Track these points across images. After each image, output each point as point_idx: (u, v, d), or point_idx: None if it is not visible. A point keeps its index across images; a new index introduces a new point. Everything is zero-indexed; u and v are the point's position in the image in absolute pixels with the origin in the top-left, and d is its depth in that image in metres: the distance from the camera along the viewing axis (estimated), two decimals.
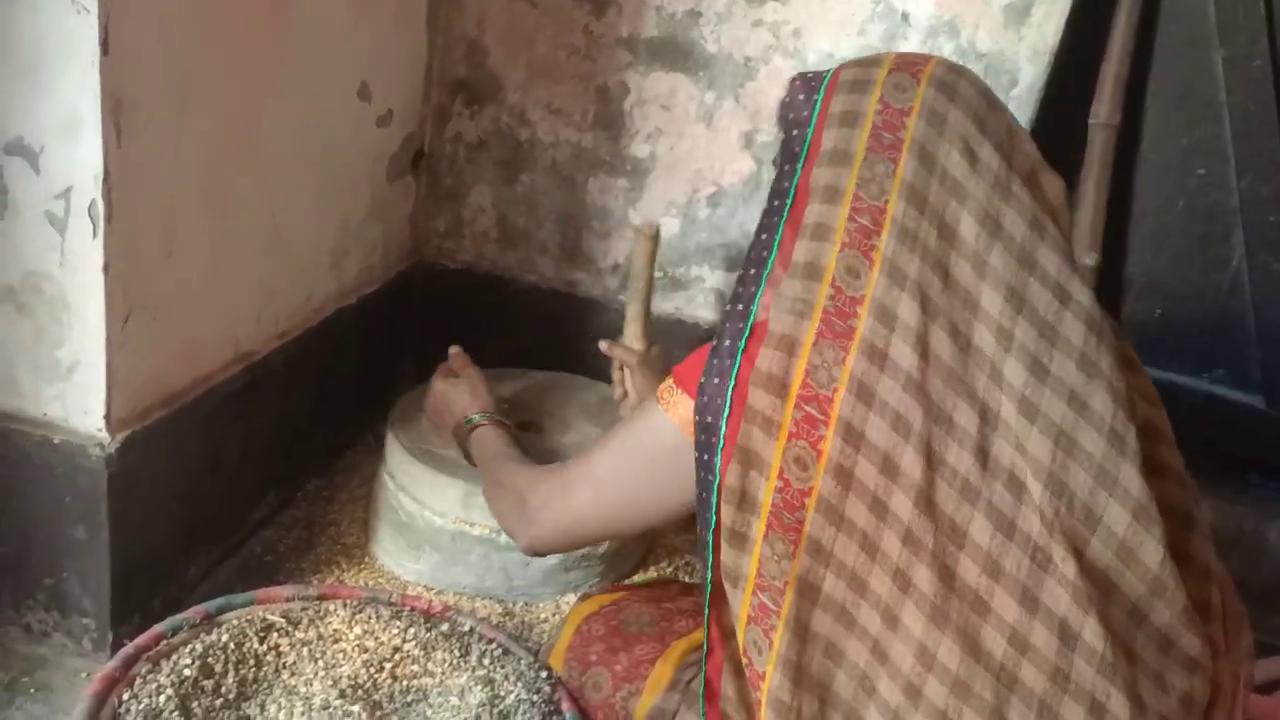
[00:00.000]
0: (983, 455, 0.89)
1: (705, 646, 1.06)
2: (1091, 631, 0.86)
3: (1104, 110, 1.77)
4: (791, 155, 1.00)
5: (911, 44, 1.78)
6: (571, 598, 1.61)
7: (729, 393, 0.96)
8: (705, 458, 0.98)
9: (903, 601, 0.90)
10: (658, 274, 2.01)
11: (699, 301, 2.03)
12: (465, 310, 2.09)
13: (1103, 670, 0.86)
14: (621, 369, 1.68)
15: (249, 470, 1.60)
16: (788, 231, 0.97)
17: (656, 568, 1.75)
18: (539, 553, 1.24)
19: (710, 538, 0.99)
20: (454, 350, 1.63)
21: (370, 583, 1.60)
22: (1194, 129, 1.80)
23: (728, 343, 0.98)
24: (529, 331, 2.06)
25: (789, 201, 0.98)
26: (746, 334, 0.97)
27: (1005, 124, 0.98)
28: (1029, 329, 0.91)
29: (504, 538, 1.56)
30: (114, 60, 1.12)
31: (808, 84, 1.02)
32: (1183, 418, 1.06)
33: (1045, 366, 0.90)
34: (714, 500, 0.97)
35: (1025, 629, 0.87)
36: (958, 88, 0.97)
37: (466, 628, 1.34)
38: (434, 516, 1.58)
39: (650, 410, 1.10)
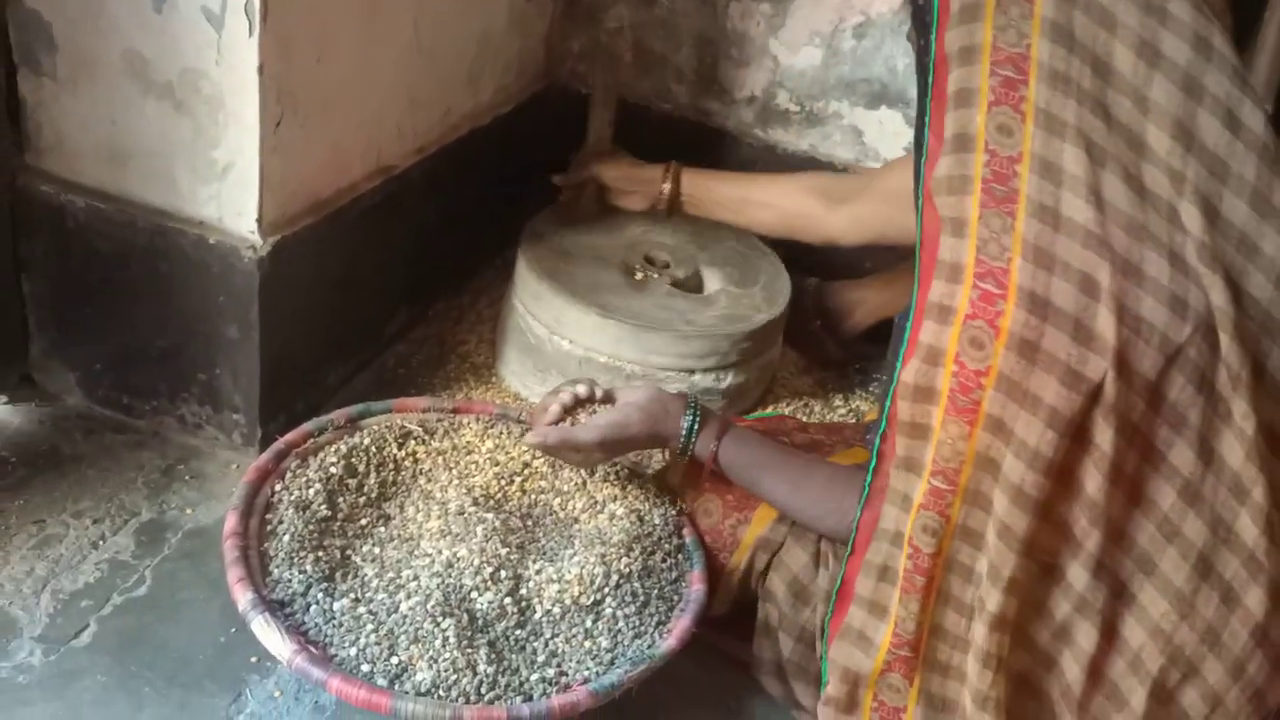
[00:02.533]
0: (1180, 305, 0.85)
1: (849, 548, 1.04)
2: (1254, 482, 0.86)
3: None
4: (924, 26, 0.92)
5: None
6: None
7: (914, 290, 0.91)
8: (891, 358, 0.95)
9: (1081, 461, 0.88)
10: (795, 108, 1.96)
11: (835, 139, 1.96)
12: None
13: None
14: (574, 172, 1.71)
15: (385, 284, 1.63)
16: (934, 108, 0.90)
17: (774, 407, 1.76)
18: None
19: (878, 440, 0.96)
20: (572, 394, 1.28)
21: (498, 401, 1.64)
22: None
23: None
24: (660, 163, 2.01)
25: (930, 76, 0.91)
26: (920, 228, 0.92)
27: None
28: (1199, 167, 0.85)
29: (629, 366, 1.58)
30: None
31: None
32: None
33: (1216, 208, 0.85)
34: (887, 401, 0.94)
35: (1198, 481, 0.87)
36: None
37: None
38: (561, 341, 1.60)
39: None
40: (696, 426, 1.21)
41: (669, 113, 2.03)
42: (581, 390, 1.26)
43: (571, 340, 1.59)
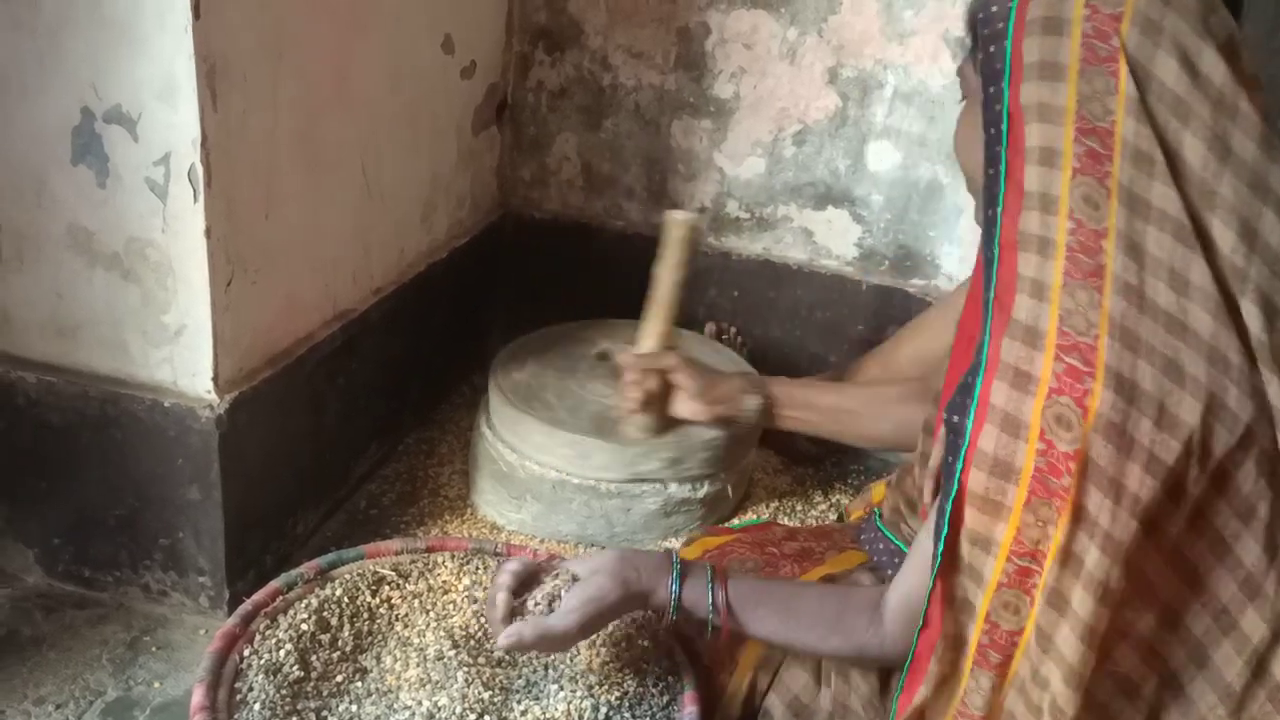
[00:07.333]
0: (1259, 395, 0.83)
1: (921, 620, 0.97)
2: None
3: None
4: (994, 73, 0.90)
5: None
6: (673, 542, 1.61)
7: (985, 346, 0.87)
8: (956, 419, 0.89)
9: (1144, 547, 0.85)
10: (745, 215, 1.99)
11: (787, 242, 1.99)
12: (554, 259, 2.09)
13: None
14: (639, 378, 1.56)
15: (351, 426, 1.62)
16: (1012, 158, 0.88)
17: (754, 509, 1.74)
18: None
19: (949, 505, 0.90)
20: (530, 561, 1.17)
21: (473, 533, 1.62)
22: None
23: (981, 292, 0.89)
24: (618, 278, 2.02)
25: (1004, 126, 0.89)
26: (994, 279, 0.88)
27: (1227, 26, 0.87)
28: (1262, 267, 0.84)
29: (604, 485, 1.57)
30: (206, 24, 1.12)
31: None
32: None
33: (1276, 307, 0.83)
34: (959, 466, 0.89)
35: (1260, 575, 0.85)
36: None
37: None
38: (534, 466, 1.58)
39: None
40: (679, 582, 1.09)
41: (622, 230, 2.06)
42: (513, 565, 1.11)
43: (542, 464, 1.58)
